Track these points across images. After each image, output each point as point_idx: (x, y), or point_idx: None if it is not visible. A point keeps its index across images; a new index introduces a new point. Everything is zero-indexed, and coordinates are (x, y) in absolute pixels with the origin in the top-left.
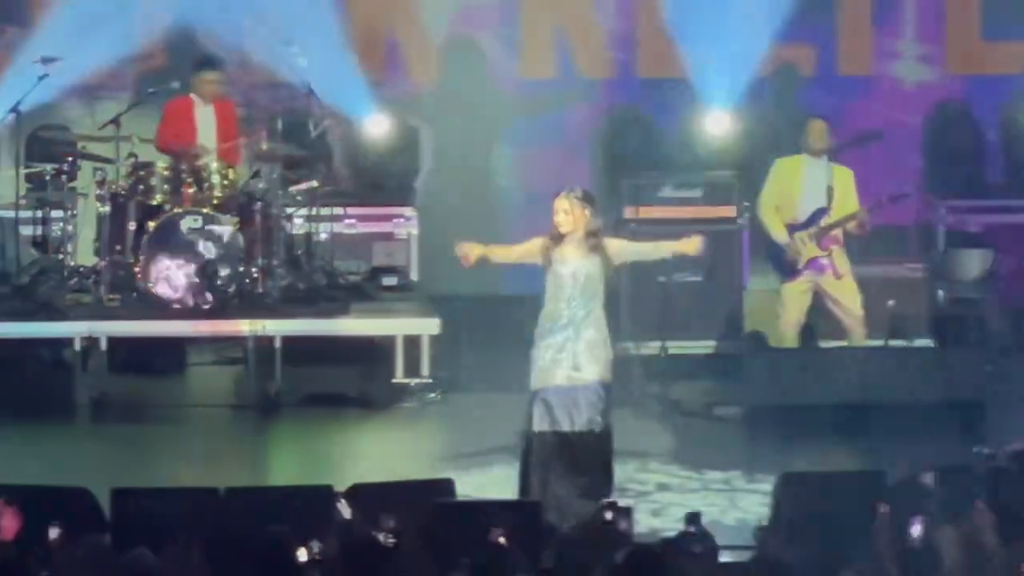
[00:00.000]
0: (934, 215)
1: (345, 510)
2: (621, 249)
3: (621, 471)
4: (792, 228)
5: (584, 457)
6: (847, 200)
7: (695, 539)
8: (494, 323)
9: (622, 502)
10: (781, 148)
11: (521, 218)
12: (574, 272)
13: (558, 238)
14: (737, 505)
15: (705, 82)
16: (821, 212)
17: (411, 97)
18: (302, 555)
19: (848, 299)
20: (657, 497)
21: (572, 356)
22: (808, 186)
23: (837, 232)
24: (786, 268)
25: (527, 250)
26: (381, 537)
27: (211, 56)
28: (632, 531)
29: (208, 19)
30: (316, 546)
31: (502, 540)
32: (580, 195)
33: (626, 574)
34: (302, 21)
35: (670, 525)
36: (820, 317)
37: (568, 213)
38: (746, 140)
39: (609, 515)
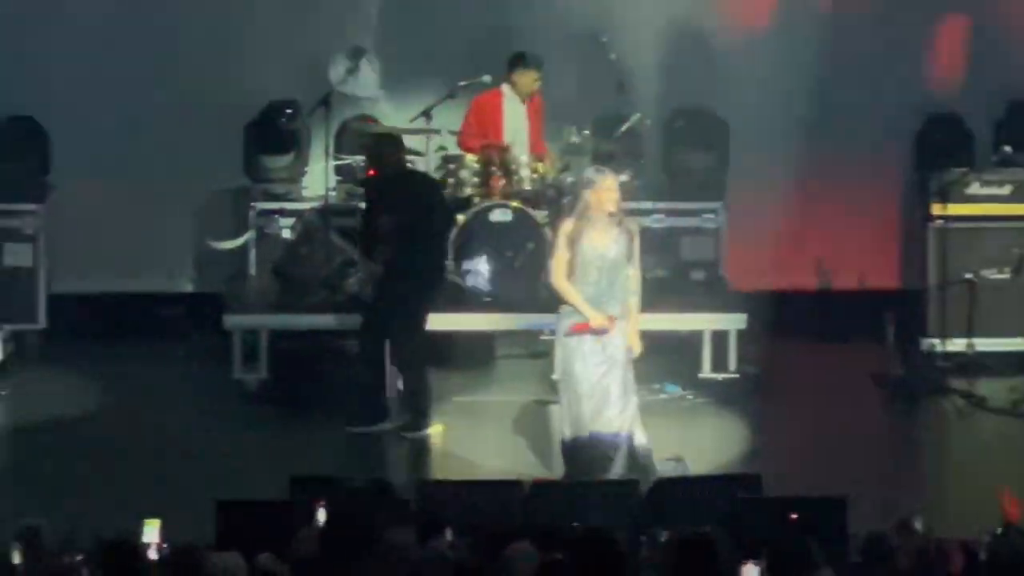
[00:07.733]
0: None
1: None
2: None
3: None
4: None
5: None
6: None
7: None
8: (802, 318)
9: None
10: None
11: (831, 211)
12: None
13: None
14: None
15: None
16: None
17: (717, 90)
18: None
19: None
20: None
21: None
22: None
23: None
24: None
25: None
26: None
27: (530, 55)
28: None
29: (519, 13)
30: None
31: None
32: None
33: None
34: (611, 15)
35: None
36: None
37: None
38: None
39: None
